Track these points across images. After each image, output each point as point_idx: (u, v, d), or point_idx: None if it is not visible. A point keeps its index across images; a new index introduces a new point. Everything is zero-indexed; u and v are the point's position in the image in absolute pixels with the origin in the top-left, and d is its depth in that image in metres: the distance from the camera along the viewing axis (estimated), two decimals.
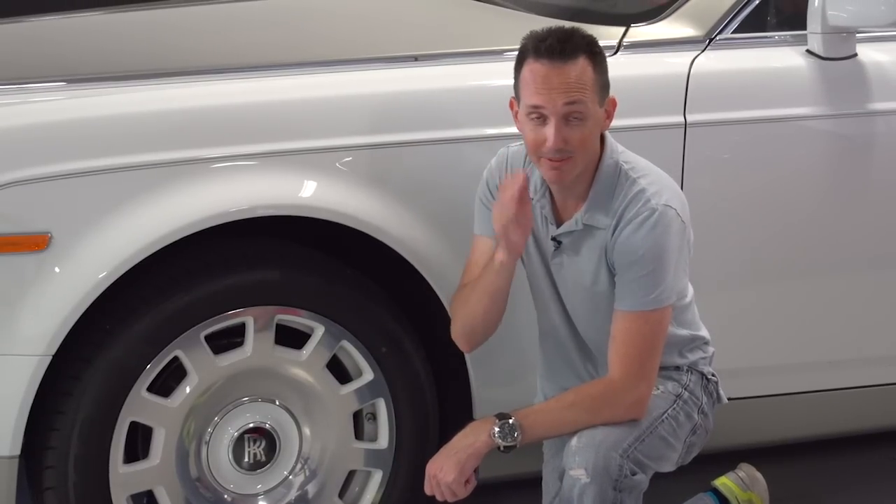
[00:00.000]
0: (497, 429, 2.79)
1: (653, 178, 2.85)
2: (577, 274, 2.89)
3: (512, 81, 2.85)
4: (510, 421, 2.79)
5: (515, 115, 2.86)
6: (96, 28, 3.80)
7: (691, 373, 2.97)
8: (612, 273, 2.84)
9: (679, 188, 2.92)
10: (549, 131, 2.76)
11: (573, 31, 2.80)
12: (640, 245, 2.78)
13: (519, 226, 2.81)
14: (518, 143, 2.97)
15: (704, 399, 2.97)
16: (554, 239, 2.89)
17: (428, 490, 2.84)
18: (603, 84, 2.81)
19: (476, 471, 2.84)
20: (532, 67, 2.77)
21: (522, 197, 2.80)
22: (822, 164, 3.39)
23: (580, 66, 2.76)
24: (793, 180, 3.35)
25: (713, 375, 3.01)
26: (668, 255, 2.80)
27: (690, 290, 2.97)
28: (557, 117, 2.75)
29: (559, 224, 2.89)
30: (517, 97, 2.84)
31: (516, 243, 2.82)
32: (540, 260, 2.93)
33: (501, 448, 2.79)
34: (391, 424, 3.15)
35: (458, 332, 2.97)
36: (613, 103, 2.84)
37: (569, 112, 2.76)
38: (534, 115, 2.78)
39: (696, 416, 2.94)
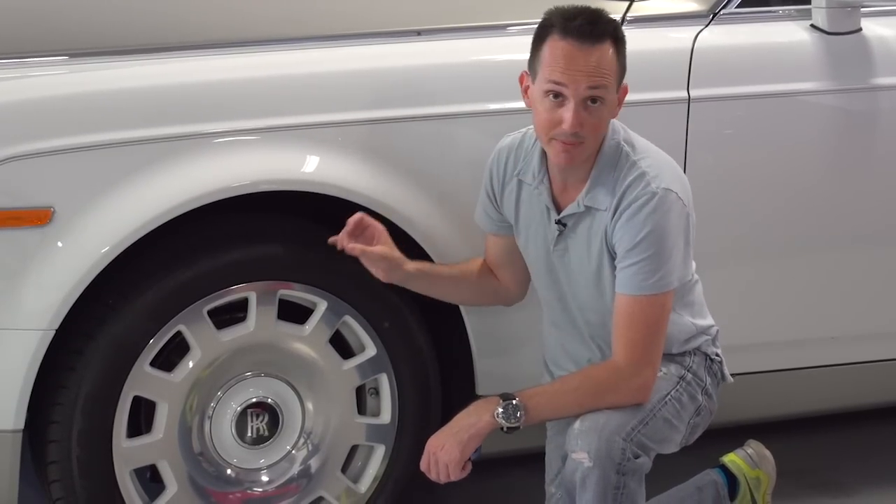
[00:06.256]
0: (501, 409, 2.78)
1: (653, 161, 2.83)
2: (580, 259, 2.88)
3: (518, 56, 2.83)
4: (514, 402, 2.78)
5: (525, 91, 2.84)
6: (98, 2, 3.79)
7: (695, 354, 2.96)
8: (613, 257, 2.83)
9: (681, 170, 2.91)
10: (567, 114, 2.73)
11: (601, 14, 2.77)
12: (640, 229, 2.76)
13: (369, 263, 2.91)
14: (511, 134, 2.95)
15: (708, 380, 2.96)
16: (558, 222, 2.88)
17: (424, 466, 2.84)
18: (622, 70, 2.79)
19: (478, 451, 2.84)
20: (558, 45, 2.74)
21: (345, 243, 2.90)
22: (827, 139, 3.38)
23: (605, 51, 2.74)
24: (797, 155, 3.35)
25: (717, 356, 3.00)
26: (669, 238, 2.78)
27: (695, 276, 2.96)
28: (577, 100, 2.73)
29: (559, 210, 2.88)
30: (532, 72, 2.81)
31: (376, 273, 2.93)
32: (542, 248, 2.92)
33: (504, 429, 2.79)
34: (394, 399, 3.15)
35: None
36: (625, 90, 2.82)
37: (589, 96, 2.74)
38: (552, 94, 2.75)
39: (699, 397, 2.93)
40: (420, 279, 2.98)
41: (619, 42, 2.77)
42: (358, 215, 2.91)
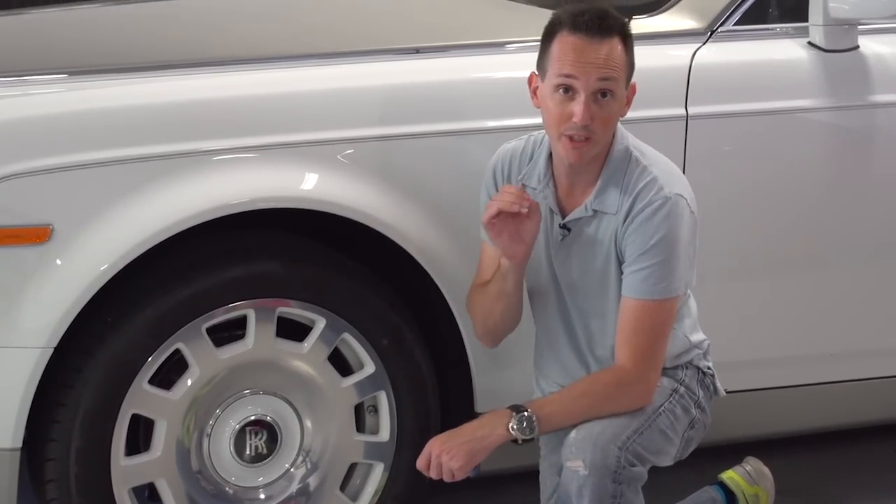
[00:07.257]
0: (515, 423, 2.77)
1: (663, 167, 2.85)
2: (584, 262, 2.87)
3: (516, 74, 2.82)
4: (526, 413, 2.78)
5: (534, 92, 2.84)
6: (97, 21, 3.80)
7: (687, 368, 2.96)
8: (621, 261, 2.83)
9: (685, 178, 2.91)
10: (577, 107, 2.74)
11: (608, 10, 2.79)
12: (652, 234, 2.78)
13: (516, 239, 2.79)
14: (514, 139, 2.96)
15: (701, 393, 2.96)
16: (563, 227, 2.88)
17: (422, 465, 2.82)
18: (630, 67, 2.81)
19: (477, 468, 2.83)
20: (568, 40, 2.75)
21: (516, 211, 2.77)
22: (824, 156, 3.39)
23: (614, 45, 2.76)
24: (794, 173, 3.35)
25: (709, 369, 3.00)
26: (679, 244, 2.79)
27: (688, 292, 2.95)
28: (588, 93, 2.74)
29: (564, 214, 2.89)
30: (541, 71, 2.81)
31: (515, 255, 2.82)
32: (544, 252, 2.92)
33: (520, 441, 2.78)
34: (392, 417, 3.14)
35: (480, 333, 3.00)
36: (633, 90, 2.84)
37: (600, 88, 2.75)
38: (562, 89, 2.76)
39: (693, 410, 2.93)
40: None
41: (627, 38, 2.79)
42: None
